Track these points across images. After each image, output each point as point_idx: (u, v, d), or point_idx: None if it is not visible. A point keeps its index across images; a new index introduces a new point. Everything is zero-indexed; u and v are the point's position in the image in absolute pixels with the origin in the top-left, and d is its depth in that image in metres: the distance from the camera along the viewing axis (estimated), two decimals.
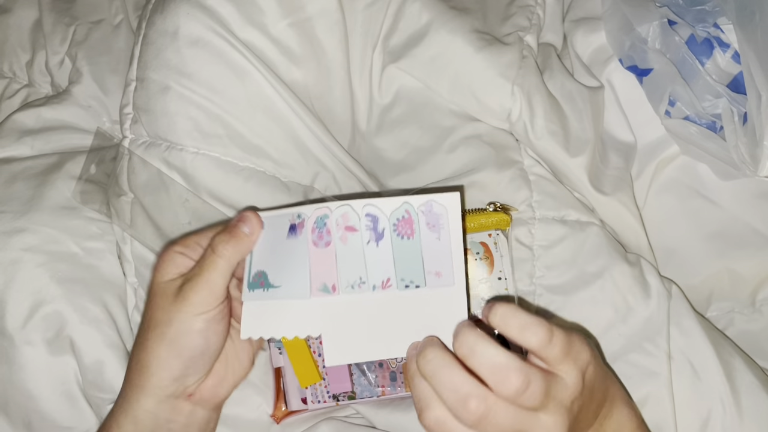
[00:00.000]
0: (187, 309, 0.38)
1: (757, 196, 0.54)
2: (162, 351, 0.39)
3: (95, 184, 0.53)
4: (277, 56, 0.50)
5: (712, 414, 0.44)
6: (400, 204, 0.37)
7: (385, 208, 0.37)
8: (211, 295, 0.38)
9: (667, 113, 0.55)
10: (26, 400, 0.48)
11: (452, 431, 0.33)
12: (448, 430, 0.33)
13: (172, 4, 0.49)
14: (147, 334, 0.39)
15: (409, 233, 0.37)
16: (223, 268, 0.38)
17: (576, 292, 0.47)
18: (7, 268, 0.49)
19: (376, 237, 0.37)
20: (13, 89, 0.67)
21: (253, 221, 0.39)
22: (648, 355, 0.45)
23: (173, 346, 0.38)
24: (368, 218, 0.37)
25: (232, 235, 0.39)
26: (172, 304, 0.38)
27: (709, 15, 0.55)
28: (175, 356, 0.39)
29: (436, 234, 0.37)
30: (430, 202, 0.36)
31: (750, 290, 0.53)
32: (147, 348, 0.39)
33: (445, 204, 0.36)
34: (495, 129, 0.54)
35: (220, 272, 0.38)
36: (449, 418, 0.33)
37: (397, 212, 0.37)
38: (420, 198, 0.36)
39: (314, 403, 0.47)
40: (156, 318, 0.39)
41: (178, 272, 0.39)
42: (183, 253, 0.40)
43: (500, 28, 0.58)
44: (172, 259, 0.40)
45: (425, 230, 0.37)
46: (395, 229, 0.37)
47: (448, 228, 0.37)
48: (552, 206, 0.50)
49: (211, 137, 0.48)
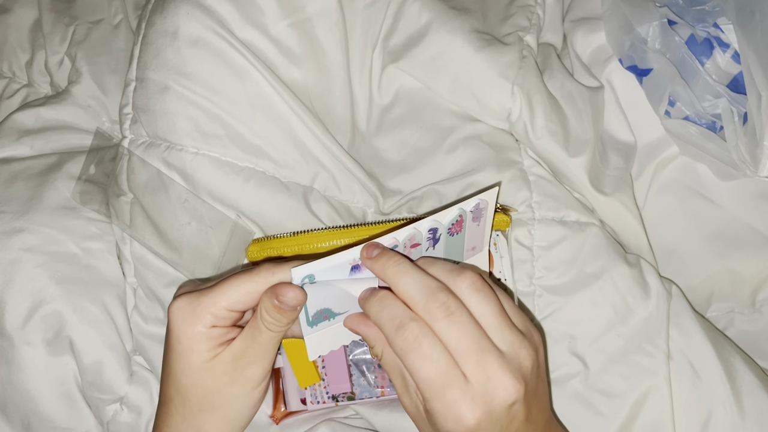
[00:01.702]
0: (248, 386, 0.37)
1: (757, 196, 0.54)
2: (225, 430, 0.38)
3: (95, 184, 0.53)
4: (277, 56, 0.50)
5: (713, 414, 0.44)
6: (456, 212, 0.39)
7: (444, 219, 0.39)
8: (269, 363, 0.38)
9: (667, 113, 0.55)
10: (25, 400, 0.48)
11: (419, 336, 0.33)
12: (415, 339, 0.33)
13: (171, 4, 0.49)
14: (200, 417, 0.37)
15: (459, 230, 0.40)
16: (279, 338, 0.37)
17: (575, 292, 0.47)
18: (7, 269, 0.49)
19: (434, 243, 0.40)
20: (13, 89, 0.67)
21: (296, 298, 0.35)
22: (647, 356, 0.45)
23: (236, 422, 0.38)
24: (430, 232, 0.39)
25: (282, 313, 0.35)
26: (229, 386, 0.37)
27: (709, 15, 0.55)
28: (237, 428, 0.39)
29: (477, 222, 0.41)
30: (478, 201, 0.39)
31: (750, 290, 0.53)
32: (205, 429, 0.38)
33: (488, 199, 0.40)
34: (495, 129, 0.54)
35: (277, 342, 0.37)
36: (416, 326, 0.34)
37: (452, 219, 0.39)
38: (471, 201, 0.39)
39: (313, 404, 0.47)
40: (209, 402, 0.37)
41: (214, 345, 0.36)
42: (215, 326, 0.37)
43: (500, 28, 0.57)
44: (205, 336, 0.36)
45: (470, 223, 0.40)
46: (449, 231, 0.39)
47: (486, 216, 0.41)
48: (552, 207, 0.50)
49: (210, 137, 0.48)
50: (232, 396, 0.37)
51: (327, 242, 0.46)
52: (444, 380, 0.33)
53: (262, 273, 0.36)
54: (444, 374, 0.33)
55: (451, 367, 0.33)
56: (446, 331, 0.33)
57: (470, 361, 0.33)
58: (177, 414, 0.38)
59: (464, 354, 0.33)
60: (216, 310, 0.36)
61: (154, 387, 0.50)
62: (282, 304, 0.35)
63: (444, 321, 0.33)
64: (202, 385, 0.37)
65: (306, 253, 0.46)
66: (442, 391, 0.33)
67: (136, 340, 0.50)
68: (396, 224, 0.46)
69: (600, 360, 0.46)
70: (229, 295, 0.36)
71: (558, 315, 0.47)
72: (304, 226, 0.48)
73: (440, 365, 0.33)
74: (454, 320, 0.33)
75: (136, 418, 0.49)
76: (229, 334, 0.37)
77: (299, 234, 0.46)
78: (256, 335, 0.36)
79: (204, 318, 0.36)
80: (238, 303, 0.36)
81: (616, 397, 0.45)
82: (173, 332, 0.36)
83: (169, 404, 0.38)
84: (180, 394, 0.37)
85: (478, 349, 0.33)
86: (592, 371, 0.45)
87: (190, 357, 0.36)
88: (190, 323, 0.36)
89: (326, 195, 0.51)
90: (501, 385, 0.33)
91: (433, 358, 0.33)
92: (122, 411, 0.49)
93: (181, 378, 0.37)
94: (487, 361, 0.33)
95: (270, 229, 0.49)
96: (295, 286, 0.35)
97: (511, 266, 0.47)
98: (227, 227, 0.47)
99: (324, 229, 0.46)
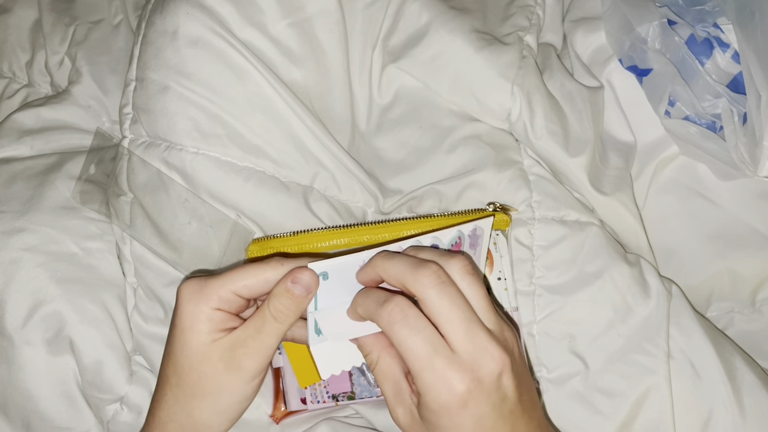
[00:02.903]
0: (242, 377, 0.36)
1: (757, 196, 0.54)
2: (214, 420, 0.37)
3: (95, 184, 0.53)
4: (277, 56, 0.50)
5: (713, 413, 0.44)
6: (455, 234, 0.40)
7: (444, 238, 0.40)
8: (267, 359, 0.37)
9: (667, 113, 0.55)
10: (25, 400, 0.48)
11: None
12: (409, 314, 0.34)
13: (171, 4, 0.49)
14: (192, 402, 0.37)
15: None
16: (282, 333, 0.36)
17: (575, 292, 0.47)
18: (7, 268, 0.49)
19: None
20: (13, 89, 0.67)
21: (311, 282, 0.36)
22: (647, 355, 0.45)
23: (225, 414, 0.37)
24: None
25: (293, 299, 0.36)
26: (223, 373, 0.36)
27: (708, 15, 0.55)
28: (226, 421, 0.38)
29: (474, 249, 0.42)
30: (475, 227, 0.41)
31: (750, 290, 0.53)
32: (194, 416, 0.37)
33: (483, 227, 0.42)
34: (495, 129, 0.54)
35: (279, 337, 0.36)
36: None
37: (452, 239, 0.40)
38: (469, 226, 0.41)
39: (313, 404, 0.47)
40: (202, 387, 0.37)
41: (215, 328, 0.36)
42: (220, 309, 0.36)
43: (500, 28, 0.58)
44: (208, 316, 0.36)
45: (468, 249, 0.41)
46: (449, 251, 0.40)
47: (482, 244, 0.42)
48: (551, 206, 0.50)
49: (210, 137, 0.48)
50: (224, 384, 0.36)
51: (327, 242, 0.46)
52: (431, 348, 0.33)
53: (273, 263, 0.37)
54: (430, 343, 0.33)
55: (437, 337, 0.33)
56: (437, 298, 0.33)
57: (459, 330, 0.33)
58: (171, 395, 0.38)
59: (453, 324, 0.33)
60: (223, 293, 0.36)
61: (154, 387, 0.49)
62: (295, 285, 0.35)
63: (435, 289, 0.33)
64: (198, 368, 0.36)
65: (306, 253, 0.46)
66: (430, 360, 0.33)
67: (136, 339, 0.50)
68: (396, 224, 0.46)
69: (600, 359, 0.46)
70: (237, 279, 0.36)
71: (558, 314, 0.47)
72: (304, 225, 0.48)
73: (426, 334, 0.33)
74: (445, 290, 0.34)
75: (136, 418, 0.49)
76: (232, 322, 0.37)
77: (299, 234, 0.46)
78: (260, 325, 0.36)
79: (210, 298, 0.36)
80: (245, 288, 0.36)
81: (616, 397, 0.45)
82: (177, 310, 0.37)
83: (165, 384, 0.38)
84: (177, 375, 0.37)
85: (467, 318, 0.34)
86: (592, 370, 0.45)
87: (190, 336, 0.36)
88: (195, 302, 0.36)
89: (326, 195, 0.51)
90: (489, 354, 0.33)
91: (420, 327, 0.33)
92: (122, 411, 0.49)
93: (179, 357, 0.37)
94: (475, 332, 0.33)
95: (270, 229, 0.49)
96: (310, 270, 0.36)
97: (511, 266, 0.48)
98: (227, 227, 0.47)
99: (324, 229, 0.46)
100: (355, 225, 0.46)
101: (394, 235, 0.46)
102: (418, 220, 0.46)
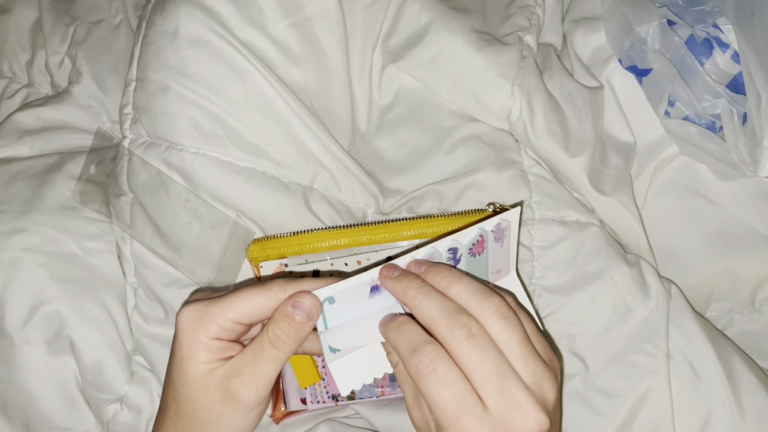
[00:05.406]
0: (239, 409, 0.35)
1: (757, 196, 0.54)
2: None
3: (95, 184, 0.53)
4: (277, 56, 0.50)
5: (713, 414, 0.44)
6: (476, 232, 0.38)
7: (464, 239, 0.38)
8: (266, 389, 0.35)
9: (667, 113, 0.55)
10: (25, 400, 0.48)
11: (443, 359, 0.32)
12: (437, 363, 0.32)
13: (172, 4, 0.49)
14: (191, 430, 0.36)
15: (480, 251, 0.39)
16: (282, 361, 0.35)
17: (575, 292, 0.47)
18: (7, 268, 0.49)
19: (455, 263, 0.39)
20: (13, 89, 0.67)
21: (312, 308, 0.34)
22: (647, 355, 0.45)
23: None
24: (450, 252, 0.38)
25: (293, 325, 0.34)
26: (220, 404, 0.35)
27: (708, 15, 0.55)
28: None
29: (500, 243, 0.40)
30: (499, 221, 0.39)
31: (750, 290, 0.53)
32: None
33: (510, 219, 0.39)
34: (495, 129, 0.54)
35: (278, 366, 0.35)
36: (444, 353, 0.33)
37: (473, 239, 0.38)
38: (492, 221, 0.38)
39: (313, 404, 0.47)
40: (199, 417, 0.35)
41: (213, 358, 0.35)
42: (218, 338, 0.35)
43: (500, 28, 0.58)
44: (206, 346, 0.35)
45: (492, 243, 0.39)
46: (470, 251, 0.39)
47: (509, 236, 0.40)
48: (551, 207, 0.50)
49: (210, 137, 0.48)
50: (222, 416, 0.35)
51: (327, 242, 0.46)
52: (460, 406, 0.31)
53: (274, 288, 0.35)
54: (460, 400, 0.31)
55: (468, 392, 0.31)
56: (467, 352, 0.31)
57: (490, 386, 0.31)
58: (170, 423, 0.37)
59: (485, 379, 0.31)
60: (222, 321, 0.35)
61: (154, 387, 0.50)
62: (296, 311, 0.34)
63: (465, 342, 0.32)
64: (195, 398, 0.35)
65: (306, 253, 0.46)
66: (457, 419, 0.31)
67: (137, 339, 0.50)
68: (397, 225, 0.46)
69: (600, 360, 0.46)
70: (237, 306, 0.35)
71: (558, 315, 0.47)
72: (304, 225, 0.48)
73: (456, 390, 0.31)
74: (476, 343, 0.32)
75: (136, 418, 0.49)
76: (231, 350, 0.36)
77: (299, 234, 0.46)
78: (258, 353, 0.35)
79: (209, 328, 0.35)
80: (246, 315, 0.35)
81: (615, 397, 0.45)
82: (176, 337, 0.36)
83: (165, 411, 0.38)
84: (175, 403, 0.36)
85: (499, 374, 0.31)
86: (591, 371, 0.46)
87: (187, 365, 0.35)
88: (194, 331, 0.35)
89: (326, 195, 0.51)
90: (523, 415, 0.31)
91: (449, 382, 0.31)
92: (122, 411, 0.49)
93: (177, 386, 0.36)
94: (509, 389, 0.31)
95: (270, 229, 0.49)
96: (312, 294, 0.34)
97: (516, 258, 0.46)
98: (227, 227, 0.47)
99: (324, 229, 0.46)
100: (355, 225, 0.46)
101: (395, 235, 0.46)
102: (418, 220, 0.46)
